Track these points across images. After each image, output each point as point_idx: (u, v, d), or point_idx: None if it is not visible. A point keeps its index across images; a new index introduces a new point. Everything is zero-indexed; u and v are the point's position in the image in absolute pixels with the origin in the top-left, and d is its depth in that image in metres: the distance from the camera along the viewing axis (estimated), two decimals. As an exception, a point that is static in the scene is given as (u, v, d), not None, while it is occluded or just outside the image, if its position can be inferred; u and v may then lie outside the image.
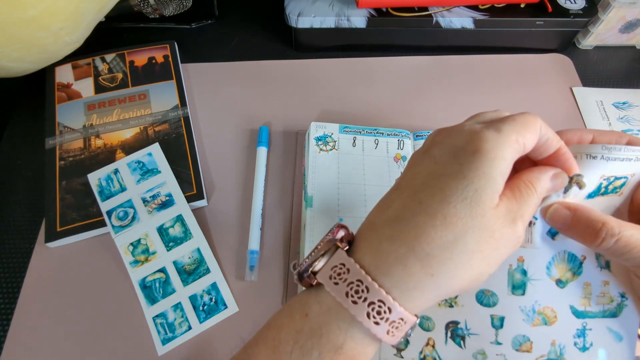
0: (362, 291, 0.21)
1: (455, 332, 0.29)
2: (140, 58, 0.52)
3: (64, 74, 0.50)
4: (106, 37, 0.53)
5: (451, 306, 0.29)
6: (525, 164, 0.26)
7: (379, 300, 0.21)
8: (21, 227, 0.43)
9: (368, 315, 0.21)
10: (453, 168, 0.22)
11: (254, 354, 0.23)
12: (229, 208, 0.44)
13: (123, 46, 0.53)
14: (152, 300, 0.39)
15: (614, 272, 0.27)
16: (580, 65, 0.55)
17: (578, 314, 0.28)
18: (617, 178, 0.25)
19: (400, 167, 0.44)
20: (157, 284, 0.40)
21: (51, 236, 0.41)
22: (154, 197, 0.43)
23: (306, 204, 0.41)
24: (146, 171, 0.44)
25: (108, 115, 0.48)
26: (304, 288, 0.25)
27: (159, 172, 0.44)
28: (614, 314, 0.28)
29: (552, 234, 0.27)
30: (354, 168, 0.43)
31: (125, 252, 0.41)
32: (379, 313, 0.21)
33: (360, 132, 0.45)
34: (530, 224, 0.26)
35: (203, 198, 0.43)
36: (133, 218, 0.42)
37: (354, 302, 0.21)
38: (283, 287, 0.40)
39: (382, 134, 0.45)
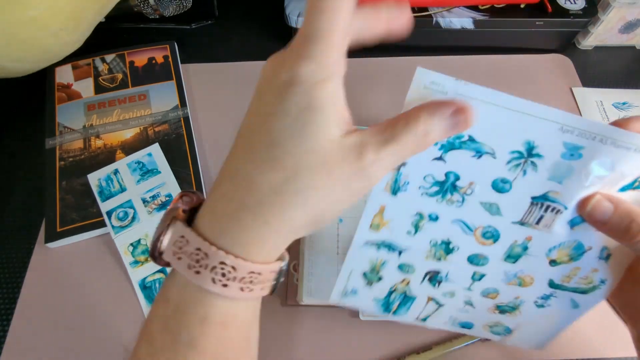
0: (202, 259, 0.20)
1: (434, 278, 0.30)
2: (140, 58, 0.52)
3: (64, 75, 0.50)
4: (106, 37, 0.53)
5: (439, 260, 0.29)
6: None
7: (221, 263, 0.20)
8: (21, 227, 0.43)
9: (214, 280, 0.20)
10: (278, 106, 0.20)
11: (136, 353, 0.23)
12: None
13: (123, 46, 0.53)
14: (153, 300, 0.39)
15: (611, 266, 0.27)
16: (580, 65, 0.55)
17: (553, 285, 0.29)
18: None
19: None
20: (157, 285, 0.40)
21: (51, 236, 0.41)
22: (154, 197, 0.43)
23: (306, 205, 0.41)
24: (146, 171, 0.44)
25: (108, 115, 0.48)
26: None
27: (159, 172, 0.44)
28: (584, 291, 0.29)
29: (573, 224, 0.26)
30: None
31: (125, 252, 0.41)
32: (224, 275, 0.20)
33: (360, 133, 0.45)
34: (557, 211, 0.26)
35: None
36: (133, 218, 0.42)
37: (197, 272, 0.20)
38: (283, 286, 0.40)
39: (382, 134, 0.45)
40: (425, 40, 0.55)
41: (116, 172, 0.44)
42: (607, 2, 0.51)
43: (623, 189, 0.25)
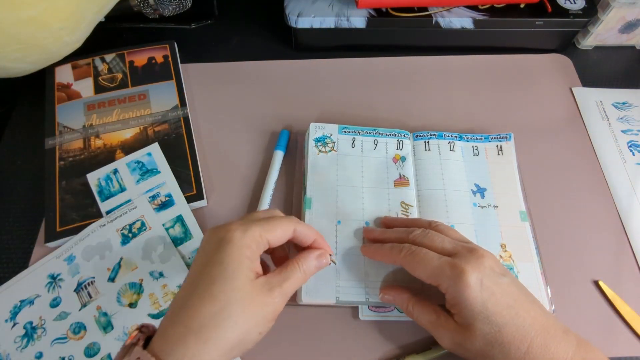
0: None
1: None
2: (140, 58, 0.52)
3: (63, 74, 0.50)
4: (106, 37, 0.53)
5: None
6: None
7: None
8: (21, 227, 0.43)
9: None
10: (215, 257, 0.29)
11: None
12: (229, 208, 0.44)
13: (123, 46, 0.53)
14: (152, 300, 0.39)
15: None
16: (580, 65, 0.55)
17: (155, 316, 0.37)
18: None
19: (399, 167, 0.44)
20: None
21: (51, 236, 0.41)
22: (153, 197, 0.43)
23: (305, 206, 0.41)
24: (146, 171, 0.44)
25: (108, 115, 0.48)
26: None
27: (159, 172, 0.44)
28: None
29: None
30: (352, 170, 0.43)
31: (125, 252, 0.41)
32: None
33: (360, 133, 0.45)
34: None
35: (203, 198, 0.43)
36: (133, 218, 0.42)
37: None
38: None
39: (382, 134, 0.45)
40: (425, 40, 0.55)
41: (116, 171, 0.44)
42: (607, 2, 0.51)
43: None
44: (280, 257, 0.35)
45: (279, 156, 0.46)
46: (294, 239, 0.33)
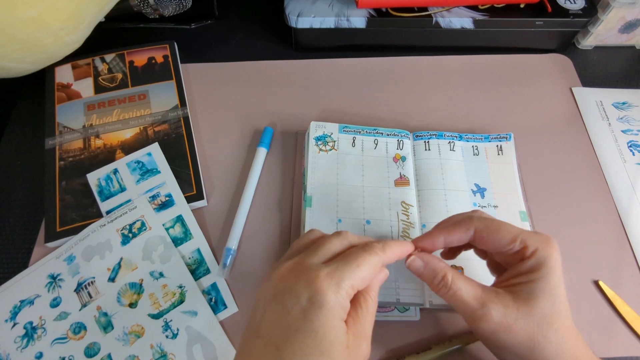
0: None
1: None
2: (140, 58, 0.52)
3: (63, 74, 0.50)
4: (106, 37, 0.53)
5: None
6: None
7: None
8: (21, 227, 0.43)
9: None
10: (306, 325, 0.25)
11: None
12: (229, 209, 0.44)
13: (123, 46, 0.53)
14: (152, 300, 0.39)
15: None
16: (580, 65, 0.55)
17: (155, 316, 0.37)
18: None
19: (399, 167, 0.44)
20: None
21: (51, 236, 0.41)
22: (153, 197, 0.43)
23: (305, 204, 0.41)
24: (146, 171, 0.44)
25: (108, 115, 0.48)
26: None
27: (159, 172, 0.44)
28: (180, 302, 0.38)
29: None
30: (353, 169, 0.43)
31: (125, 252, 0.41)
32: None
33: (360, 132, 0.45)
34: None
35: (203, 198, 0.43)
36: (133, 218, 0.42)
37: None
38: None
39: (382, 134, 0.45)
40: (425, 40, 0.55)
41: (116, 171, 0.44)
42: (607, 2, 0.51)
43: None
44: None
45: (261, 153, 0.46)
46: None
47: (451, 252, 0.36)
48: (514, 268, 0.31)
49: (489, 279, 0.35)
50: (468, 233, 0.31)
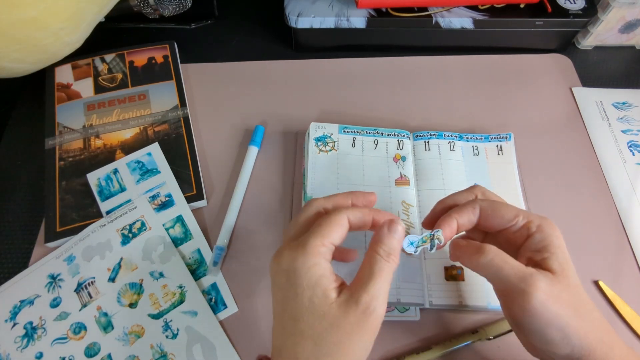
0: None
1: None
2: (140, 58, 0.52)
3: (63, 74, 0.50)
4: (106, 37, 0.53)
5: None
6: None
7: None
8: (21, 227, 0.43)
9: None
10: (290, 290, 0.27)
11: None
12: (229, 209, 0.44)
13: (123, 46, 0.53)
14: (152, 300, 0.39)
15: None
16: (580, 65, 0.55)
17: (155, 316, 0.37)
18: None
19: (400, 167, 0.44)
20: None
21: (51, 236, 0.41)
22: (153, 197, 0.43)
23: (306, 204, 0.41)
24: (146, 171, 0.44)
25: (108, 115, 0.48)
26: None
27: (159, 172, 0.44)
28: (180, 302, 0.38)
29: None
30: (353, 169, 0.43)
31: (125, 252, 0.41)
32: None
33: (360, 133, 0.45)
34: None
35: (203, 198, 0.43)
36: (133, 218, 0.42)
37: None
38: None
39: (382, 134, 0.45)
40: (425, 40, 0.55)
41: (116, 171, 0.44)
42: (606, 2, 0.51)
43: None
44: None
45: (252, 152, 0.46)
46: (351, 228, 0.30)
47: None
48: (525, 248, 0.30)
49: None
50: (475, 212, 0.31)
